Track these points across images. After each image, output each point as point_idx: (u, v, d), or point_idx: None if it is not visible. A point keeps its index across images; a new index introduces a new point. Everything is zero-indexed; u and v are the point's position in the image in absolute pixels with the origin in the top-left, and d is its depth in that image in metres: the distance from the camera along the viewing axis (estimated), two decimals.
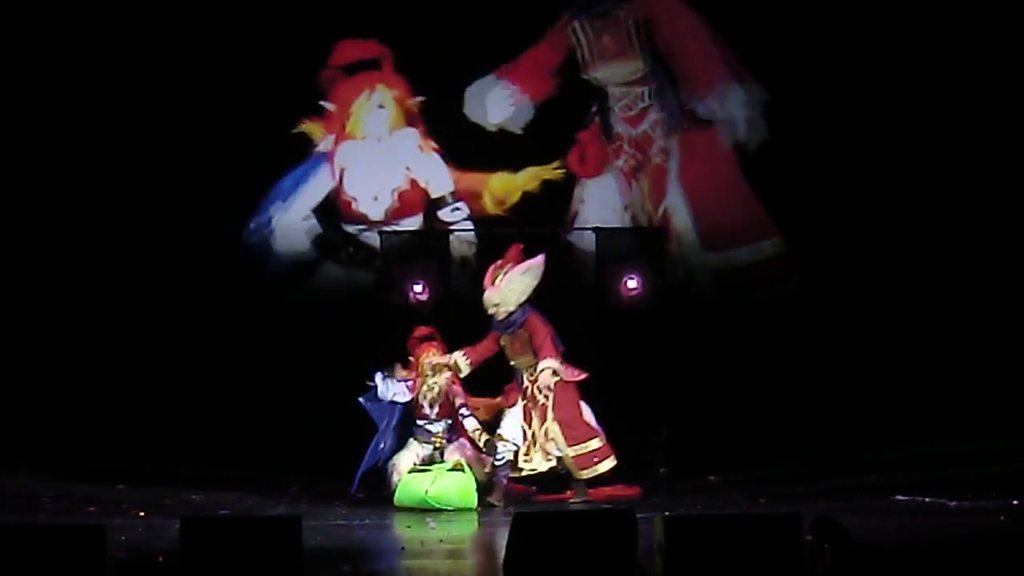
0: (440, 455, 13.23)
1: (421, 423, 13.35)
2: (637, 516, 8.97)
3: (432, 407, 13.28)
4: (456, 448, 13.22)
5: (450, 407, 13.27)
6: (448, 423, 13.30)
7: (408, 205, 15.57)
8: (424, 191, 15.61)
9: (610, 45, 15.55)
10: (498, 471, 13.16)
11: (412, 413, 13.37)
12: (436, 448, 13.27)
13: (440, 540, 11.65)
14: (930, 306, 15.26)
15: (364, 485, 13.27)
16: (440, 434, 13.28)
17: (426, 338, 13.40)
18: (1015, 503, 12.42)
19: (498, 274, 13.12)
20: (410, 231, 15.32)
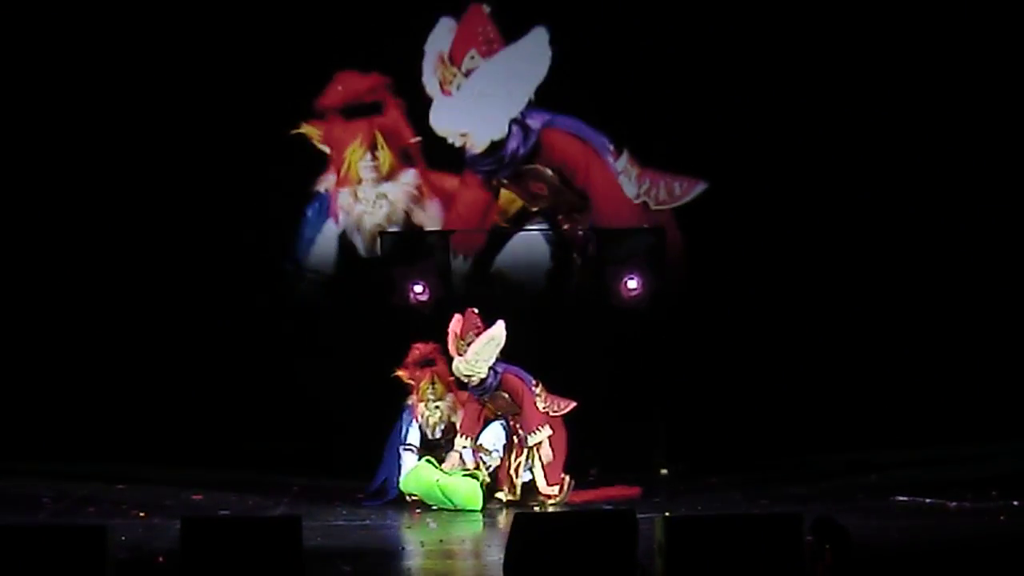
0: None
1: (428, 442, 13.28)
2: (637, 516, 8.98)
3: (434, 431, 13.24)
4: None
5: (454, 429, 13.22)
6: (449, 439, 13.24)
7: None
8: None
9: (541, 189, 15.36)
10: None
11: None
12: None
13: (440, 540, 11.67)
14: (930, 307, 15.26)
15: (375, 494, 13.21)
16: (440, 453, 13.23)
17: (426, 363, 13.36)
18: (1015, 504, 12.41)
19: (460, 344, 13.03)
20: (410, 232, 15.31)
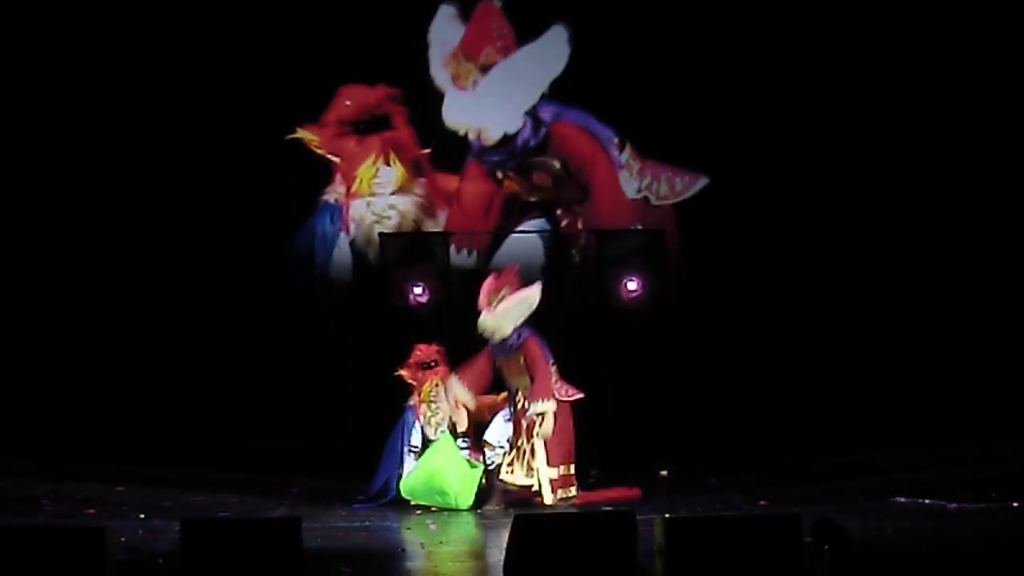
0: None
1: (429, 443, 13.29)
2: (637, 518, 8.98)
3: (436, 432, 13.24)
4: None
5: (454, 429, 13.23)
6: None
7: None
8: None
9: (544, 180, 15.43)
10: (493, 476, 13.16)
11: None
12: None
13: (440, 541, 11.67)
14: (930, 308, 15.27)
15: (373, 497, 13.21)
16: None
17: (427, 365, 13.36)
18: (1015, 505, 12.42)
19: (493, 298, 13.09)
20: (410, 233, 15.33)
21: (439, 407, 13.19)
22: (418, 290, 14.43)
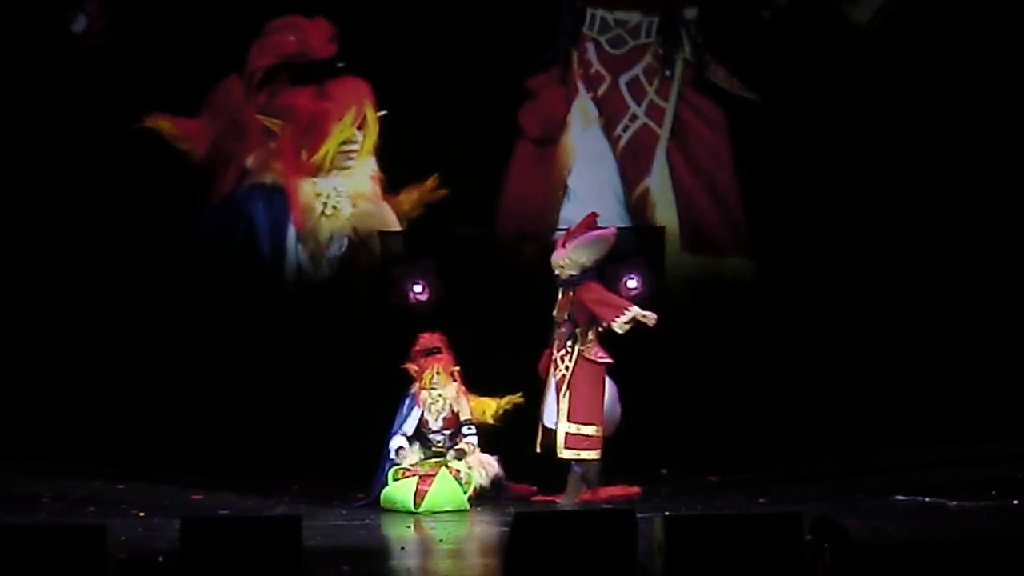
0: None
1: (424, 431, 13.27)
2: (637, 516, 8.98)
3: (436, 419, 13.24)
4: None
5: (455, 419, 13.22)
6: (450, 433, 13.23)
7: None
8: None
9: None
10: (500, 476, 13.17)
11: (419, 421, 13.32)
12: (435, 455, 13.17)
13: (440, 540, 11.67)
14: (931, 308, 15.27)
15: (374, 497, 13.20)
16: (441, 443, 13.22)
17: (431, 351, 13.35)
18: (1015, 503, 12.42)
19: (569, 239, 13.11)
20: (410, 232, 15.29)
21: (440, 394, 13.18)
22: (418, 288, 14.41)
